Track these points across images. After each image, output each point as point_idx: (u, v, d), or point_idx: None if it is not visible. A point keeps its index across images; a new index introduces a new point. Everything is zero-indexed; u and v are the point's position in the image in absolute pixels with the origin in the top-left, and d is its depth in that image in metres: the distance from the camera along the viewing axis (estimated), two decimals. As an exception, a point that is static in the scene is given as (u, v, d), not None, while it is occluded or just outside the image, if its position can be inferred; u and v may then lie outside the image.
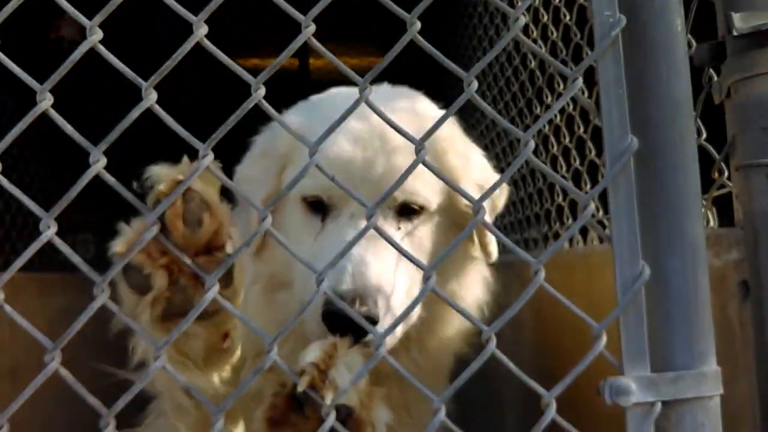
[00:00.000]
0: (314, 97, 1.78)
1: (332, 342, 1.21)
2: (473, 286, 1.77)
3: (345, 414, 1.11)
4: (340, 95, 1.69)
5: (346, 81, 1.12)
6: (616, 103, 1.07)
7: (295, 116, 1.68)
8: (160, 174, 1.06)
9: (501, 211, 1.86)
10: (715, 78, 1.29)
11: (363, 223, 1.40)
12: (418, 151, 1.05)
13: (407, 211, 1.59)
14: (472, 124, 3.73)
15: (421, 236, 1.60)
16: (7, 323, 0.98)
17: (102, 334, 1.15)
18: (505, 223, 3.08)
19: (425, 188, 1.58)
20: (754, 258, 1.16)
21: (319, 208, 1.58)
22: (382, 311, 1.42)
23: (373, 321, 1.39)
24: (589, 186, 2.16)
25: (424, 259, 1.51)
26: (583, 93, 1.65)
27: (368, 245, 1.43)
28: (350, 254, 1.38)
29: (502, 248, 3.20)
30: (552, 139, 2.42)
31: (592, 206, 1.06)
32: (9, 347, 2.51)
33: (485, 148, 3.45)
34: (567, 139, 2.31)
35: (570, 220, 2.33)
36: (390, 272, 1.48)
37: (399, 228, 1.59)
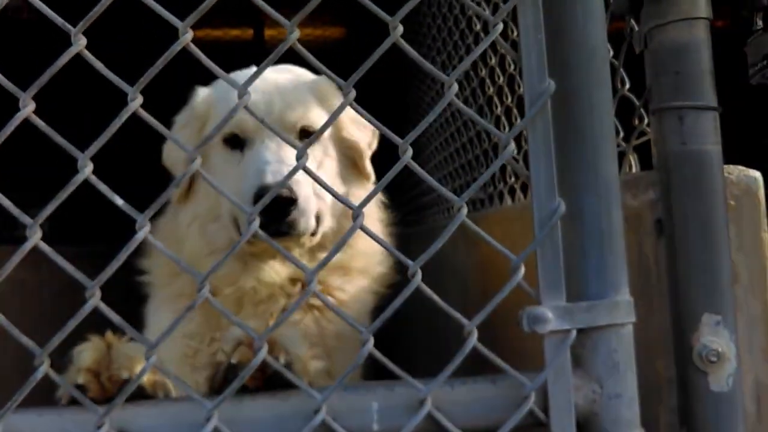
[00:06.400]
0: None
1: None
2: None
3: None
4: (243, 74, 2.04)
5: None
6: (535, 47, 1.11)
7: (205, 89, 2.15)
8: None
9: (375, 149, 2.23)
10: (636, 28, 1.35)
11: (273, 146, 1.90)
12: (345, 94, 1.09)
13: (306, 135, 2.01)
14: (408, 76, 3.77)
15: (320, 157, 2.07)
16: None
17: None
18: (454, 187, 3.13)
19: (318, 117, 2.05)
20: (667, 197, 1.22)
21: (236, 143, 2.00)
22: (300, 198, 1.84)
23: (293, 201, 1.82)
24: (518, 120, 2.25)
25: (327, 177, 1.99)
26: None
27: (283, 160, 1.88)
28: (268, 161, 1.87)
29: (446, 211, 3.28)
30: (488, 80, 2.48)
31: (512, 146, 1.11)
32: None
33: (423, 94, 3.48)
34: (501, 79, 2.38)
35: (512, 179, 2.38)
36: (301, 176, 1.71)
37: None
